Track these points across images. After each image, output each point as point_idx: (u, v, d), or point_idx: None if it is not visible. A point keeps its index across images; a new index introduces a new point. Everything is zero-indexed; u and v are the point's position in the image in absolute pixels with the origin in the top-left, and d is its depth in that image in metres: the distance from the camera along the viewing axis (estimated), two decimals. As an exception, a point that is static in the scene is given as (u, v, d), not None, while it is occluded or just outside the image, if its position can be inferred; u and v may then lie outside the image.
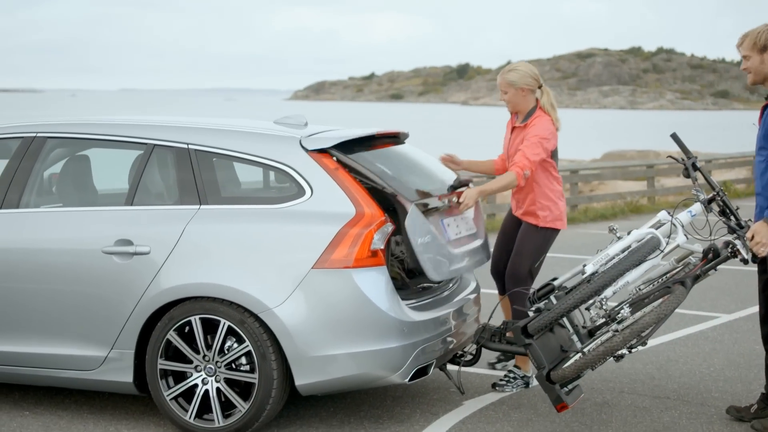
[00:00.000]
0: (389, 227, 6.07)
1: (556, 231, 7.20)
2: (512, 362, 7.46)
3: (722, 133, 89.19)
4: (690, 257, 6.32)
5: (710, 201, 6.29)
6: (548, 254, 7.32)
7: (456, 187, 6.90)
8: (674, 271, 6.29)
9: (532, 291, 6.42)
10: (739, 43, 6.18)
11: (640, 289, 6.27)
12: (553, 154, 7.16)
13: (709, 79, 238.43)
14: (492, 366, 7.64)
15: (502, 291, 7.36)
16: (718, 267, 6.11)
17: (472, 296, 7.01)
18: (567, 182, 21.14)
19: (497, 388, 7.09)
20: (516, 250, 7.10)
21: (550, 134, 7.02)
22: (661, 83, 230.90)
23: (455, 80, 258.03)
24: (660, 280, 6.27)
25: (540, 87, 7.19)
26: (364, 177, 6.25)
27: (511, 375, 7.14)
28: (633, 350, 5.94)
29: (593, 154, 39.06)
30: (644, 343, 6.03)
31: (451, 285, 6.95)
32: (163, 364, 6.07)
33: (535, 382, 7.13)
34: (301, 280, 5.87)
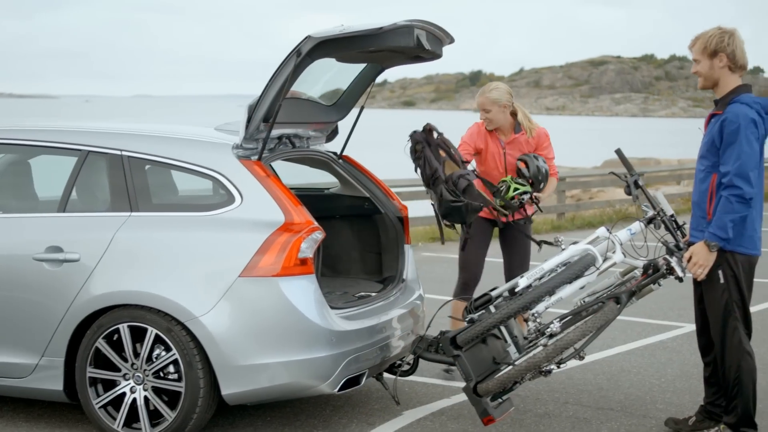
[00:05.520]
0: (319, 235, 6.02)
1: None
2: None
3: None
4: (635, 272, 6.25)
5: (650, 220, 6.23)
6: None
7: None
8: (616, 285, 6.22)
9: (469, 301, 6.36)
10: (690, 45, 5.92)
11: (584, 301, 6.20)
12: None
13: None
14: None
15: None
16: (684, 279, 6.03)
17: (415, 304, 6.94)
18: (556, 190, 21.04)
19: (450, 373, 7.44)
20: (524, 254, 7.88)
21: None
22: (673, 91, 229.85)
23: (467, 87, 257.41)
24: (604, 293, 6.20)
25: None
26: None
27: None
28: (562, 365, 5.88)
29: (595, 161, 38.89)
30: (581, 358, 5.97)
31: (394, 292, 6.89)
32: (92, 372, 6.02)
33: None
34: (227, 288, 5.81)
